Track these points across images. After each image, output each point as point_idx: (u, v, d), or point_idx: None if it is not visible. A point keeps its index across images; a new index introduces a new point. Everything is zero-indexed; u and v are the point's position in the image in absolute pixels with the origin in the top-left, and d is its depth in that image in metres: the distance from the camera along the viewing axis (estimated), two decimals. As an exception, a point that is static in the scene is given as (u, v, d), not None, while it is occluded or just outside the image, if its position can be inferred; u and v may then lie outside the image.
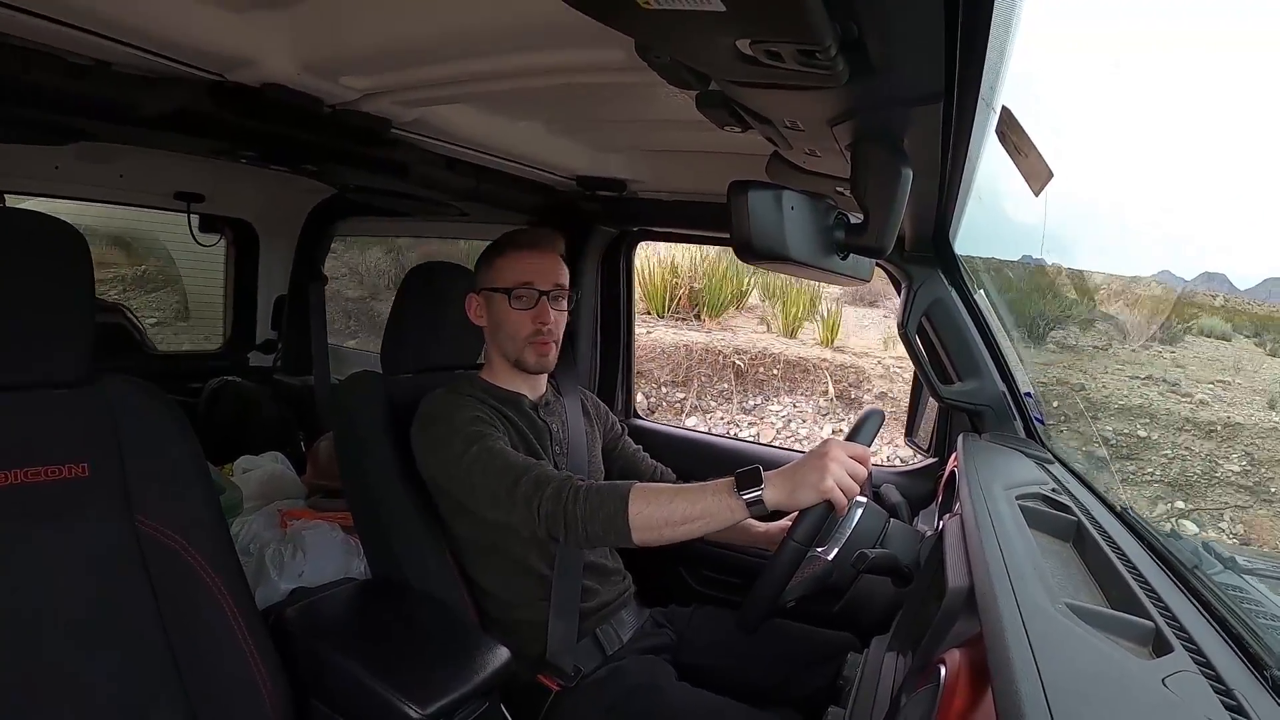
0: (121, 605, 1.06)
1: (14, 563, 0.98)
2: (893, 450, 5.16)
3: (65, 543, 1.03)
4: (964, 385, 1.64)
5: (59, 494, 1.03)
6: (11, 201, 2.28)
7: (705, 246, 6.16)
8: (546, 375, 1.54)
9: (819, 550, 1.28)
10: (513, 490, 1.22)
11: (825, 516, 1.17)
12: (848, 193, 0.86)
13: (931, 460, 1.88)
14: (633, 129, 1.51)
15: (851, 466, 1.12)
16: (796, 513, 1.21)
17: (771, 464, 1.70)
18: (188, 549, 1.10)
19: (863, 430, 1.35)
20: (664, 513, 1.14)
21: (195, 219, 2.66)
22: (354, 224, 2.92)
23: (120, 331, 2.83)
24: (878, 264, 1.49)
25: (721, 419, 5.88)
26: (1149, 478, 5.34)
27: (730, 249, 0.89)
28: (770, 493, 1.10)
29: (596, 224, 2.11)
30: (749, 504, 1.11)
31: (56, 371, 1.06)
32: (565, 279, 1.48)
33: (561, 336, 1.49)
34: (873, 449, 1.44)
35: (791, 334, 6.68)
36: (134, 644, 1.05)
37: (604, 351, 2.29)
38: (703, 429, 5.50)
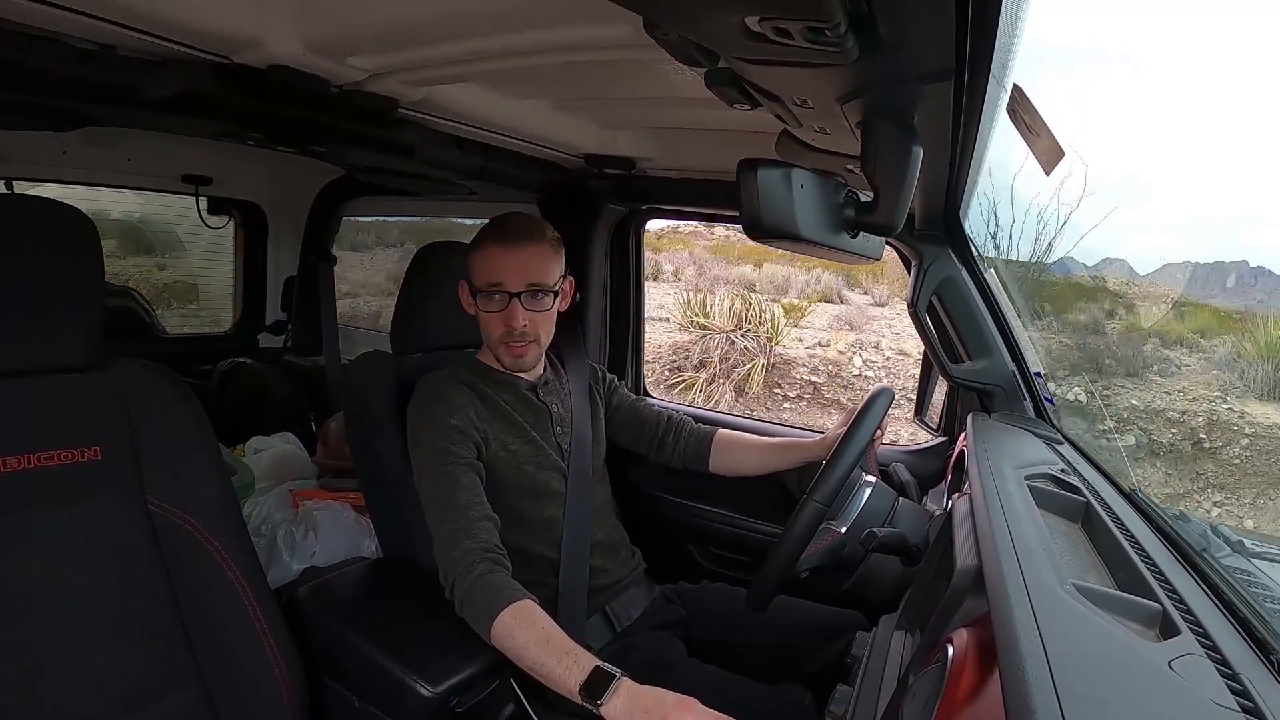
0: (135, 587, 1.07)
1: (28, 546, 1.00)
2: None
3: (78, 526, 1.04)
4: (974, 364, 1.64)
5: (71, 477, 1.04)
6: (19, 188, 2.29)
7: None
8: (544, 354, 1.52)
9: (832, 524, 1.29)
10: (439, 529, 1.23)
11: (847, 477, 1.21)
12: (858, 170, 0.85)
13: (941, 439, 1.87)
14: (641, 106, 1.49)
15: None
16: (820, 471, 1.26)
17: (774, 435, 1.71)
18: (200, 530, 1.11)
19: (870, 411, 1.35)
20: (517, 651, 1.09)
21: (204, 202, 2.67)
22: (363, 204, 2.93)
23: (130, 315, 2.85)
24: (888, 242, 1.48)
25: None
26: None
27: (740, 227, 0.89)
28: (608, 711, 1.00)
29: (605, 202, 2.09)
30: (584, 702, 1.03)
31: (68, 356, 1.07)
32: (546, 273, 1.39)
33: (546, 333, 1.44)
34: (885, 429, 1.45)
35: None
36: (148, 625, 1.07)
37: (613, 330, 2.28)
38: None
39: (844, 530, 1.29)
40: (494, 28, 1.01)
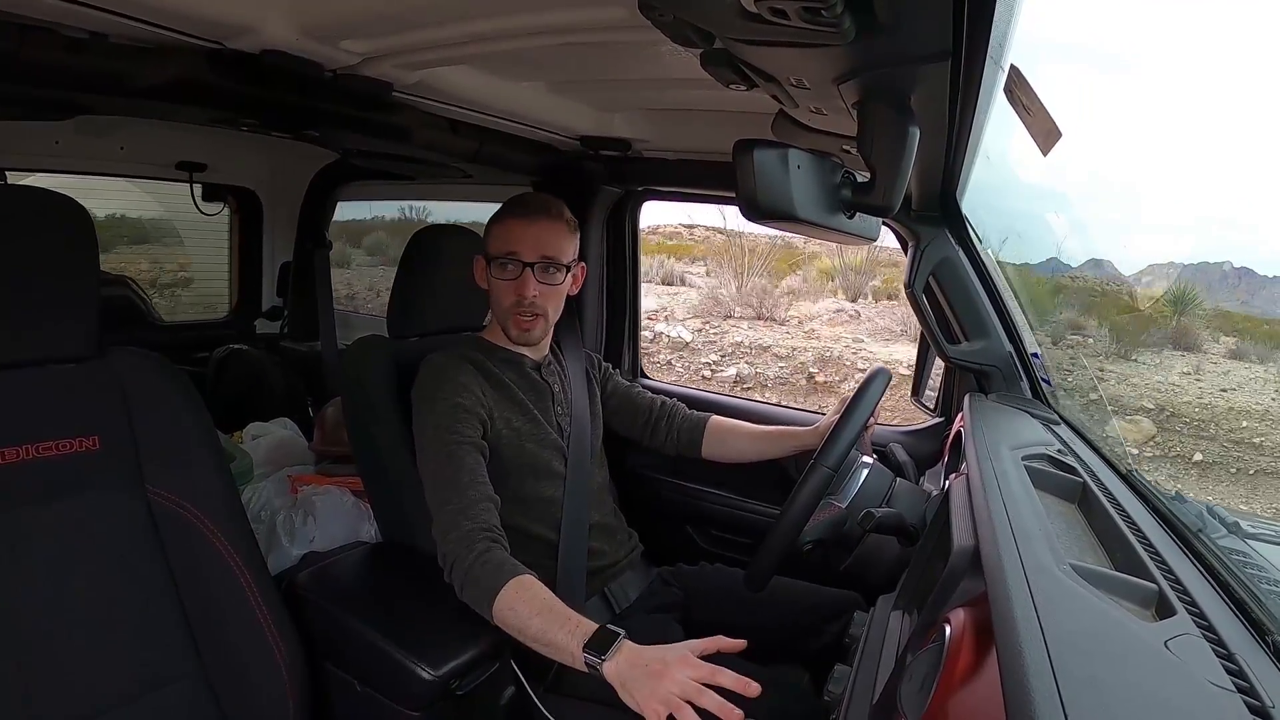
0: (135, 576, 1.07)
1: (27, 537, 1.00)
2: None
3: (79, 515, 1.04)
4: (971, 345, 1.64)
5: (70, 468, 1.04)
6: (13, 178, 2.28)
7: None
8: (550, 336, 1.53)
9: (832, 498, 1.29)
10: (439, 510, 1.23)
11: (853, 444, 1.28)
12: (854, 151, 0.85)
13: (938, 420, 1.88)
14: (637, 88, 1.48)
15: (691, 689, 0.95)
16: (825, 439, 1.28)
17: (776, 422, 1.71)
18: (200, 517, 1.11)
19: (869, 390, 1.35)
20: (520, 624, 1.09)
21: (198, 188, 2.66)
22: (358, 188, 2.92)
23: (126, 304, 2.84)
24: (885, 223, 1.48)
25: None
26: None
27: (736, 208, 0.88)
28: (610, 668, 1.01)
29: (601, 184, 2.09)
30: (588, 666, 1.03)
31: (64, 346, 1.06)
32: (561, 250, 1.41)
33: (554, 309, 1.45)
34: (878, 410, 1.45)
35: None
36: (148, 614, 1.07)
37: (610, 313, 2.28)
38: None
39: (844, 506, 1.30)
40: (489, 10, 1.00)
